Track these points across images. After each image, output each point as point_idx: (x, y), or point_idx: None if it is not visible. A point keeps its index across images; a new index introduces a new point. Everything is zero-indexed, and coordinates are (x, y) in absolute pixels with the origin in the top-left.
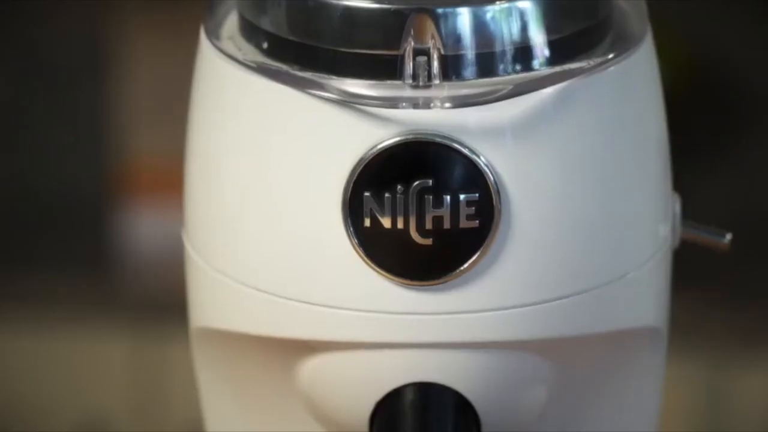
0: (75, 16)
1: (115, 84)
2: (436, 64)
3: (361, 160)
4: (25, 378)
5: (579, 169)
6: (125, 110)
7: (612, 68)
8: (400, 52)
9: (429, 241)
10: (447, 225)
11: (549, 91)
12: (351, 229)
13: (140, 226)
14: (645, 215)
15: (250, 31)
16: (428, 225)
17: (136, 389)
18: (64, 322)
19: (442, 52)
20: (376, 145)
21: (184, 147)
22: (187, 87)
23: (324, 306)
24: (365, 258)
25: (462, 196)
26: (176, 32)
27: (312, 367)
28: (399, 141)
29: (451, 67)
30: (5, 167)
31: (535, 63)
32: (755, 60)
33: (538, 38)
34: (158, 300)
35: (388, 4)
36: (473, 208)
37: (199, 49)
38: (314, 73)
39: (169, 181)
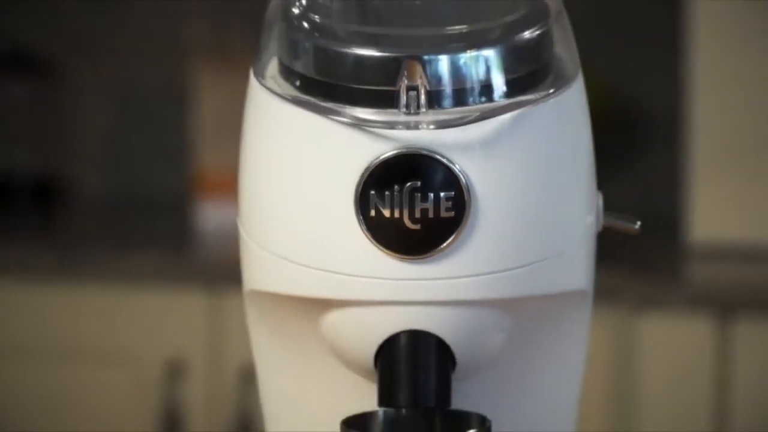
0: (162, 60)
1: (191, 111)
2: (423, 97)
3: (368, 167)
4: (128, 326)
5: (530, 174)
6: (198, 131)
7: (553, 100)
8: (397, 88)
9: (418, 227)
10: (431, 215)
11: (506, 116)
12: (361, 217)
13: (209, 215)
14: (577, 208)
15: (287, 72)
16: (417, 215)
17: (207, 334)
18: (156, 285)
19: (428, 88)
20: (379, 157)
21: (239, 158)
22: (241, 114)
23: (340, 274)
24: (371, 239)
25: (442, 194)
26: (233, 73)
27: (331, 319)
28: (396, 153)
29: (434, 99)
30: (113, 174)
31: (496, 95)
32: (650, 94)
33: (498, 78)
34: (222, 268)
35: (387, 52)
36: (450, 202)
37: (249, 85)
38: (334, 104)
39: (228, 182)
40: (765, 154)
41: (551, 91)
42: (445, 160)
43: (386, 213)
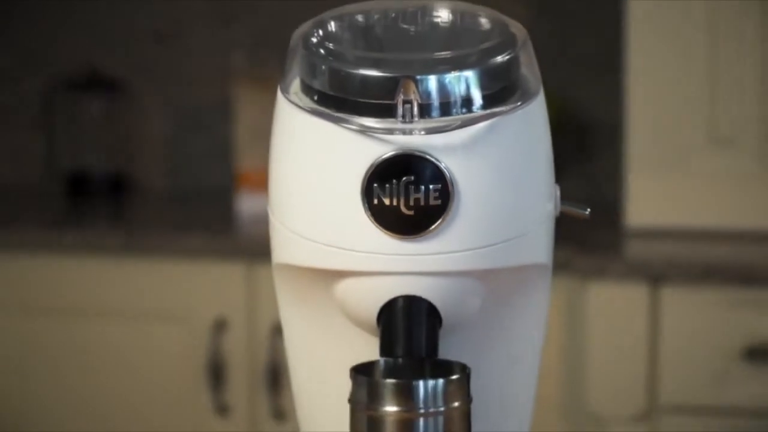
0: (210, 81)
1: (232, 121)
2: (416, 108)
3: (371, 165)
4: (182, 292)
5: (502, 171)
6: (238, 137)
7: (520, 111)
8: (395, 101)
9: (412, 212)
10: (422, 203)
11: (483, 124)
12: (366, 205)
13: (246, 204)
14: (539, 197)
15: (307, 89)
16: (411, 203)
17: (245, 298)
18: (205, 259)
19: (420, 101)
20: (380, 156)
21: (269, 157)
22: (271, 123)
23: (350, 250)
24: (374, 222)
25: (431, 186)
26: (266, 91)
27: (342, 287)
28: (394, 154)
29: (425, 110)
30: (170, 171)
31: (474, 107)
32: (597, 107)
33: (476, 93)
34: (257, 245)
35: (387, 73)
36: (437, 193)
37: (277, 99)
38: (344, 114)
39: (261, 178)
40: (686, 155)
41: (518, 104)
42: (433, 160)
43: (386, 201)
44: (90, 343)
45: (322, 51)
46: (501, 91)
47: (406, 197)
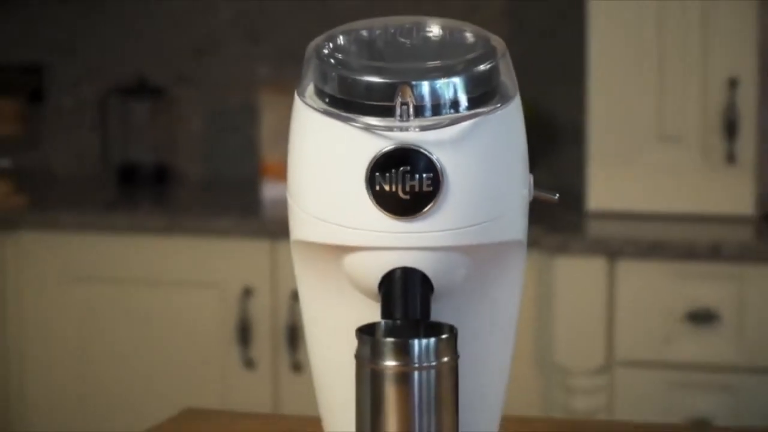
0: (239, 87)
1: (258, 121)
2: (411, 109)
3: (374, 156)
4: (216, 264)
5: (484, 161)
6: (262, 134)
7: (500, 111)
8: (394, 103)
9: (408, 197)
10: (416, 189)
11: (468, 122)
12: (369, 191)
13: (269, 190)
14: (516, 184)
15: (319, 93)
16: (407, 189)
17: (269, 269)
18: (235, 236)
19: (414, 103)
20: (381, 150)
21: (287, 151)
22: (290, 123)
23: (356, 228)
24: (376, 205)
25: (424, 175)
26: (286, 96)
27: (349, 260)
28: (393, 148)
29: (419, 111)
30: (205, 163)
31: (461, 108)
32: (563, 108)
33: (462, 96)
34: (278, 225)
35: (387, 79)
36: (429, 180)
37: (294, 102)
38: (351, 114)
39: (282, 168)
40: (637, 150)
41: (498, 105)
42: (426, 153)
43: (386, 188)
44: (138, 308)
45: (332, 61)
46: (483, 95)
47: (403, 184)
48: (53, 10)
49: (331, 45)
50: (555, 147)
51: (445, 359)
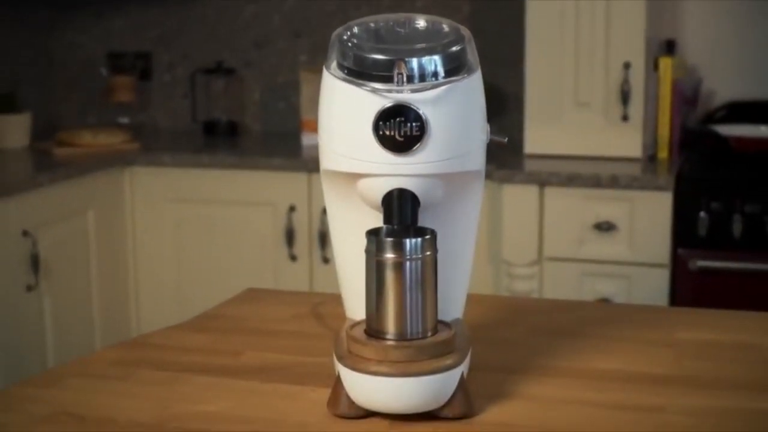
0: (287, 68)
1: (299, 92)
2: (405, 77)
3: (379, 111)
4: (272, 189)
5: (456, 114)
6: (303, 100)
7: (467, 80)
8: (392, 73)
9: (402, 139)
10: (408, 133)
11: (445, 87)
12: (375, 135)
13: (307, 139)
14: (478, 130)
15: (340, 67)
16: (402, 133)
17: (307, 192)
18: (284, 171)
19: (407, 74)
20: (384, 106)
21: (318, 110)
22: (320, 92)
23: (366, 161)
24: (380, 145)
25: (414, 124)
26: (317, 74)
27: (362, 184)
28: (392, 104)
29: (410, 79)
30: (264, 121)
31: (440, 77)
32: (509, 83)
33: (440, 69)
34: (313, 161)
35: (388, 56)
36: (417, 127)
37: (323, 74)
38: (363, 81)
39: (315, 124)
40: (560, 113)
41: (466, 75)
42: (415, 108)
43: (387, 132)
44: (216, 220)
45: (349, 44)
46: (455, 68)
47: (399, 130)
48: (157, 12)
49: (348, 33)
50: (503, 111)
51: (428, 253)
